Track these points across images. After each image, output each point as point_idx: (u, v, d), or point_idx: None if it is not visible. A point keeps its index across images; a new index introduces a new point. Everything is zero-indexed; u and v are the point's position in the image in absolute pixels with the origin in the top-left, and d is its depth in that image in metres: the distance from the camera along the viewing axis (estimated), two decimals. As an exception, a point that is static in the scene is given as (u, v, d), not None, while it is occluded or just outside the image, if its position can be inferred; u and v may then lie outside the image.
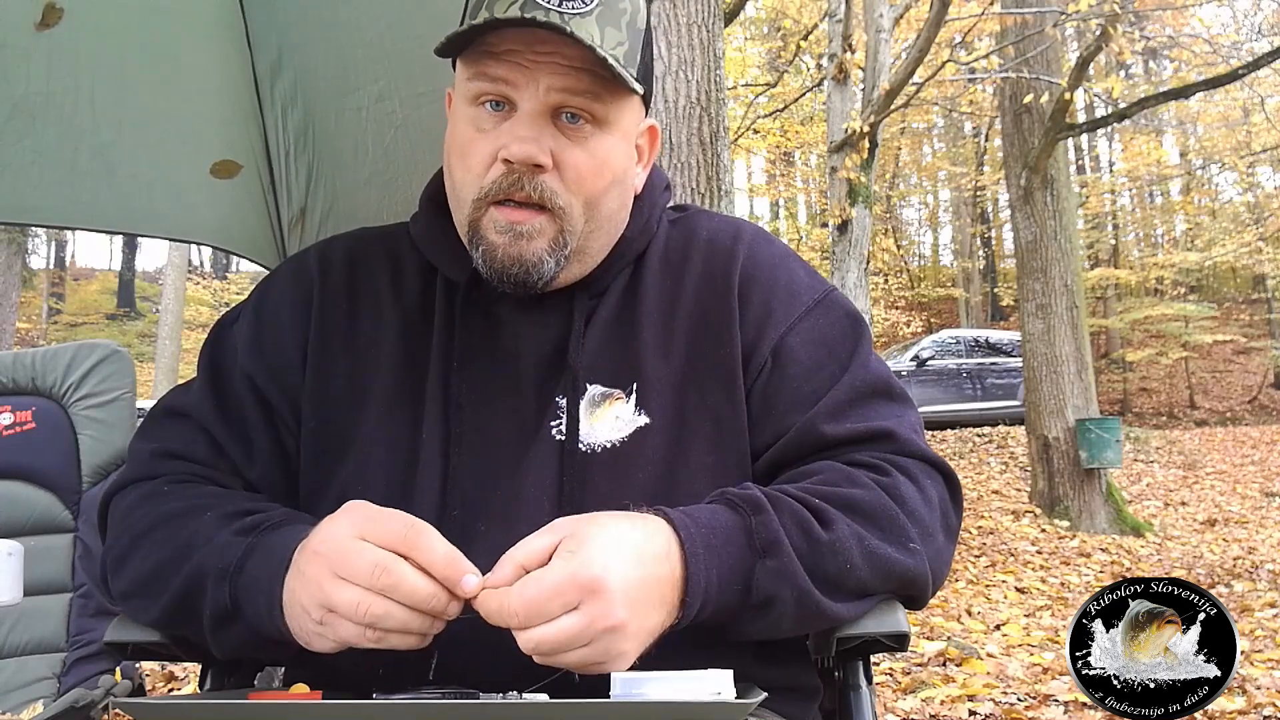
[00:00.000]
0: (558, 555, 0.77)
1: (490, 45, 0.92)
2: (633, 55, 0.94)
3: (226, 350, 1.06)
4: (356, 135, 1.60)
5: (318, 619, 0.79)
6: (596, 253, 1.02)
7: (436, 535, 0.79)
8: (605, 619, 0.75)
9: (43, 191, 1.51)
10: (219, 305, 23.10)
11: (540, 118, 0.92)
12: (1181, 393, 20.96)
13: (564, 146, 0.94)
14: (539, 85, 0.91)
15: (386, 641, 0.78)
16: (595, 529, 0.79)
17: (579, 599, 0.75)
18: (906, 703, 3.33)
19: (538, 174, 0.93)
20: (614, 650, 0.77)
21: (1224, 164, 21.21)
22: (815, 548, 0.87)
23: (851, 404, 0.99)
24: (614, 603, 0.76)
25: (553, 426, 0.97)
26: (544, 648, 0.75)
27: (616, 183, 0.99)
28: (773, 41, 17.55)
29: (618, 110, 0.96)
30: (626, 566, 0.78)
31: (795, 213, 28.28)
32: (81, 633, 1.88)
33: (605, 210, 0.99)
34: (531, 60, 0.91)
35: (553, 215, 0.95)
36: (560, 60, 0.91)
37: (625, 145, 0.99)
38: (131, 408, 1.97)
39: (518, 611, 0.75)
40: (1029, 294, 8.80)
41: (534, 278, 0.96)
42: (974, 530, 7.96)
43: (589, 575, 0.75)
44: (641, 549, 0.80)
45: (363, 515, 0.81)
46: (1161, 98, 9.34)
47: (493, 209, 0.95)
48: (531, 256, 0.95)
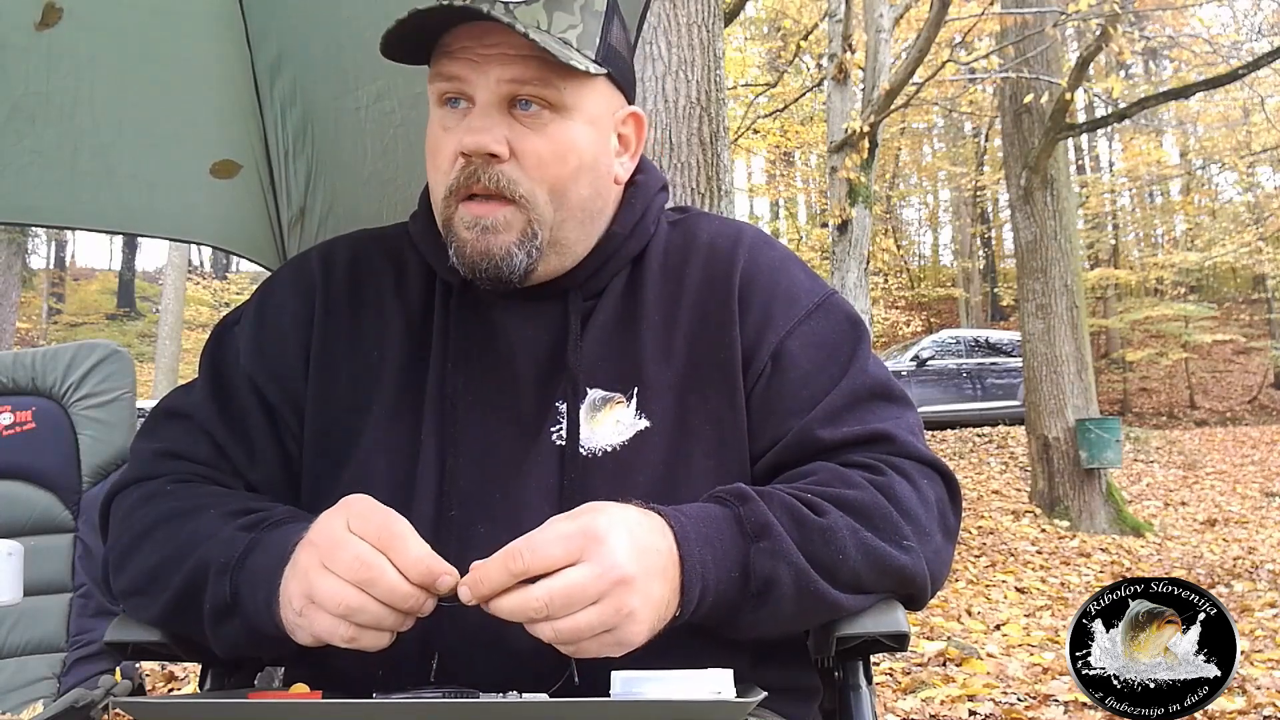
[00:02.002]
0: (558, 520, 0.79)
1: (446, 46, 0.94)
2: (589, 38, 0.94)
3: (228, 352, 1.06)
4: (356, 135, 1.60)
5: (298, 609, 0.80)
6: (575, 243, 1.01)
7: (413, 537, 0.79)
8: (614, 569, 0.76)
9: (43, 191, 1.51)
10: (219, 305, 23.10)
11: (494, 108, 0.93)
12: (1181, 393, 20.95)
13: (521, 135, 0.94)
14: (489, 77, 0.92)
15: (359, 641, 0.79)
16: (593, 504, 0.82)
17: (583, 546, 0.76)
18: (906, 703, 3.33)
19: (494, 163, 0.93)
20: (625, 609, 0.77)
21: (1224, 164, 21.21)
22: (807, 533, 0.87)
23: (849, 407, 0.99)
24: (619, 550, 0.77)
25: (553, 431, 0.97)
26: (556, 600, 0.75)
27: (585, 169, 0.98)
28: (773, 41, 17.56)
29: (575, 95, 0.95)
30: (629, 526, 0.79)
31: (795, 213, 28.28)
32: (81, 633, 1.88)
33: (575, 198, 0.98)
34: (481, 54, 0.92)
35: (517, 206, 0.95)
36: (508, 50, 0.92)
37: (592, 130, 0.98)
38: (131, 408, 1.97)
39: (521, 551, 0.76)
40: (1029, 294, 8.80)
41: (505, 271, 0.96)
42: (974, 530, 7.96)
43: (593, 525, 0.78)
44: (640, 520, 0.82)
45: (355, 509, 0.81)
46: (1161, 98, 9.35)
47: (461, 206, 0.96)
48: (499, 250, 0.95)
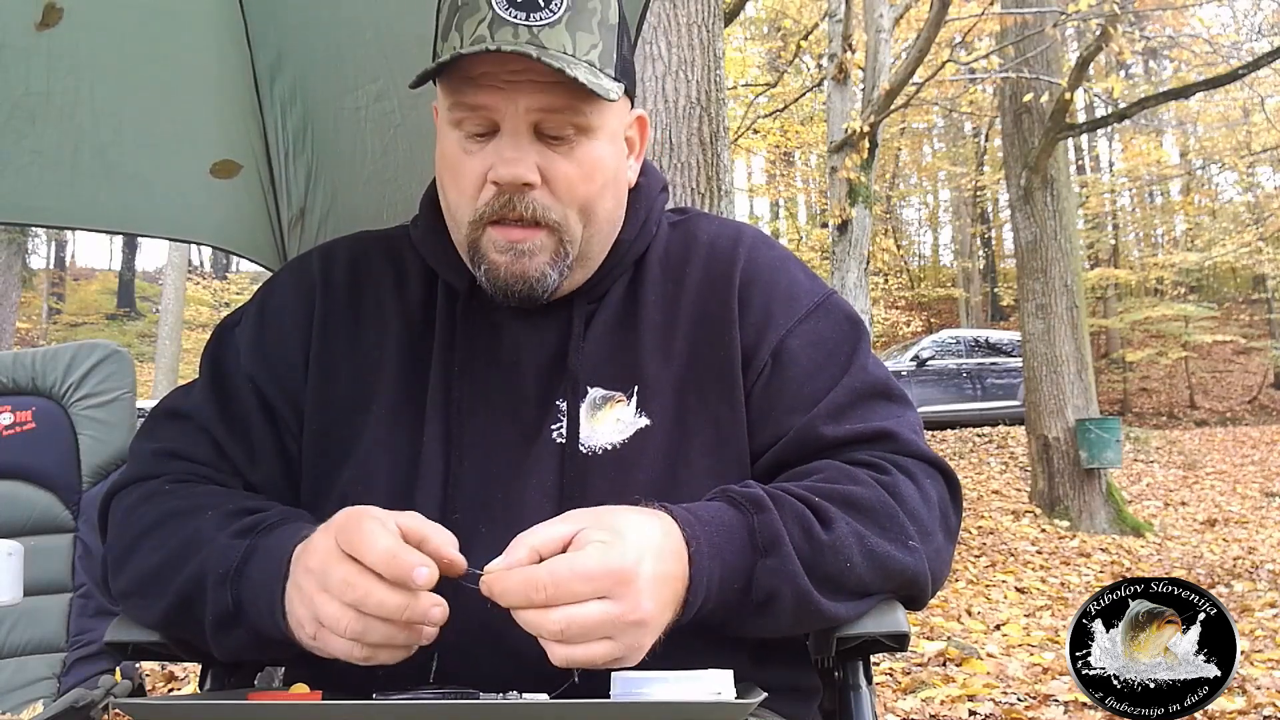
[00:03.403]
0: (590, 544, 0.76)
1: (465, 70, 0.91)
2: (609, 55, 0.94)
3: (229, 352, 1.06)
4: (356, 135, 1.60)
5: (311, 633, 0.80)
6: (598, 255, 1.02)
7: (380, 532, 0.76)
8: (634, 612, 0.75)
9: (43, 191, 1.50)
10: (219, 305, 23.09)
11: (523, 137, 0.92)
12: (1181, 393, 20.94)
13: (551, 161, 0.93)
14: (518, 106, 0.91)
15: (376, 658, 0.78)
16: (622, 522, 0.79)
17: (610, 588, 0.75)
18: (906, 703, 3.33)
19: (528, 192, 0.93)
20: (637, 645, 0.77)
21: (1224, 164, 21.20)
22: (816, 548, 0.87)
23: (851, 405, 0.99)
24: (642, 595, 0.76)
25: (553, 429, 0.97)
26: (573, 629, 0.74)
27: (609, 184, 0.99)
28: (773, 41, 17.55)
29: (600, 115, 0.95)
30: (654, 563, 0.78)
31: (795, 213, 28.26)
32: (81, 633, 1.88)
33: (602, 213, 0.99)
34: (507, 81, 0.90)
35: (550, 230, 0.95)
36: (535, 77, 0.90)
37: (613, 145, 0.99)
38: (131, 408, 1.97)
39: (546, 585, 0.73)
40: (1029, 294, 8.80)
41: (538, 291, 0.96)
42: (974, 530, 7.95)
43: (623, 566, 0.75)
44: (663, 547, 0.80)
45: (338, 525, 0.79)
46: (1161, 98, 9.35)
47: (490, 229, 0.95)
48: (535, 272, 0.95)
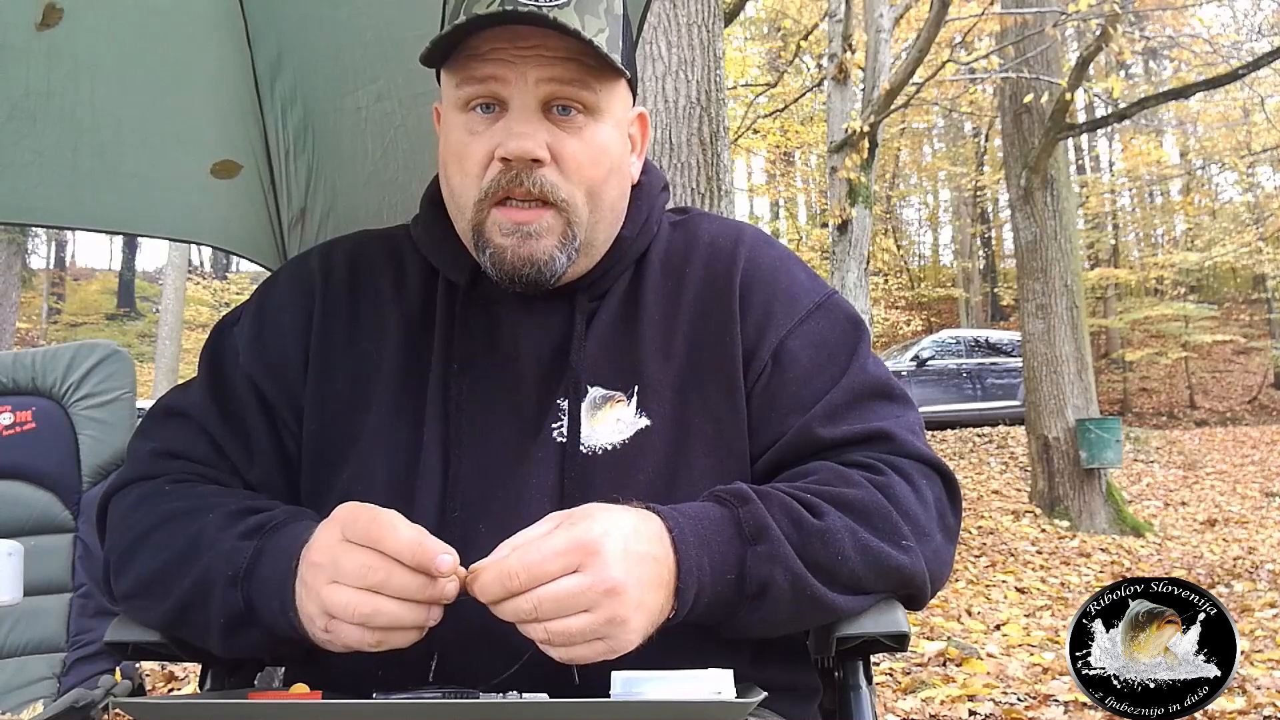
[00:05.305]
0: (557, 528, 0.79)
1: (473, 48, 0.92)
2: (615, 41, 0.94)
3: (227, 351, 1.06)
4: (356, 135, 1.60)
5: (323, 626, 0.80)
6: (601, 244, 1.02)
7: (400, 523, 0.78)
8: (605, 580, 0.76)
9: (43, 191, 1.50)
10: (219, 305, 23.08)
11: (533, 112, 0.92)
12: (1181, 393, 20.94)
13: (560, 138, 0.94)
14: (528, 79, 0.91)
15: (387, 642, 0.79)
16: (593, 509, 0.81)
17: (579, 560, 0.76)
18: (906, 703, 3.33)
19: (536, 169, 0.93)
20: (617, 617, 0.77)
21: (1224, 164, 21.20)
22: (805, 535, 0.87)
23: (849, 406, 0.99)
24: (610, 563, 0.76)
25: (554, 428, 0.97)
26: (545, 605, 0.75)
27: (614, 171, 0.99)
28: (773, 41, 17.55)
29: (608, 97, 0.96)
30: (624, 536, 0.79)
31: (795, 213, 28.25)
32: (81, 633, 1.88)
33: (607, 199, 0.99)
34: (516, 55, 0.91)
35: (557, 210, 0.95)
36: (545, 52, 0.91)
37: (619, 133, 0.99)
38: (131, 408, 1.97)
39: (518, 572, 0.75)
40: (1029, 294, 8.80)
41: (546, 275, 0.96)
42: (974, 530, 7.95)
43: (589, 538, 0.77)
44: (637, 527, 0.81)
45: (343, 518, 0.81)
46: (1161, 98, 9.34)
47: (495, 210, 0.95)
48: (542, 255, 0.95)
